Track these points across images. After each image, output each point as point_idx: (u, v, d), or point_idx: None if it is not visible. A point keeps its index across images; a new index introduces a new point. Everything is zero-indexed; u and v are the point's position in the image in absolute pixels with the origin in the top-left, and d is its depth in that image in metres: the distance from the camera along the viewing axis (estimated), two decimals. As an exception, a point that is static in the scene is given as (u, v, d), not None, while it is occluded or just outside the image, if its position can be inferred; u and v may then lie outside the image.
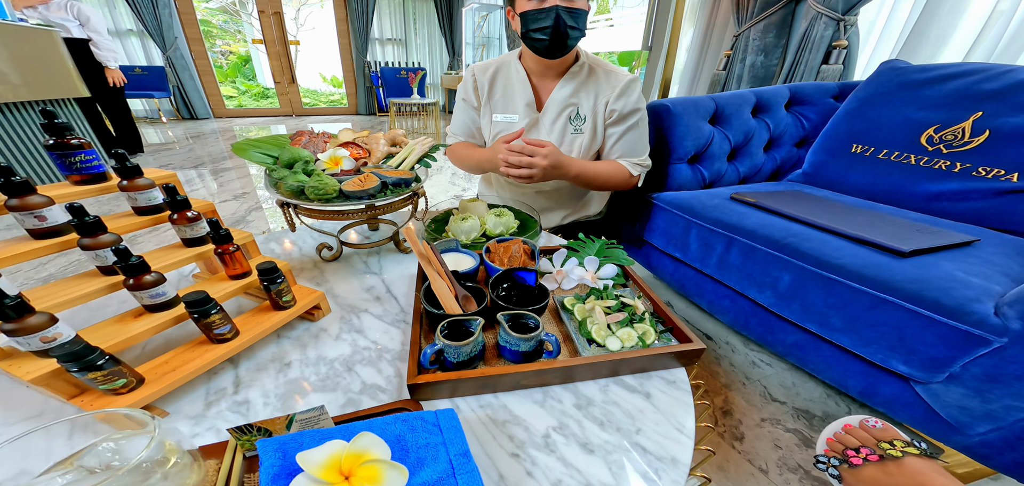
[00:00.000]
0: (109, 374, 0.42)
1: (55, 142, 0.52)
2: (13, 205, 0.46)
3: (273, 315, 0.61)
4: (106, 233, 0.51)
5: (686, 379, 0.62)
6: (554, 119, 1.07)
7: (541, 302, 0.66)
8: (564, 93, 1.05)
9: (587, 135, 1.07)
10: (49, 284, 0.49)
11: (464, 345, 0.55)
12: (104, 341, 0.46)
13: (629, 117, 1.04)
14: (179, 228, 0.59)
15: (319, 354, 0.63)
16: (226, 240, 0.58)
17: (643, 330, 0.64)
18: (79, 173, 0.54)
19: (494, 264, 0.75)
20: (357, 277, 0.84)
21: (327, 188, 0.70)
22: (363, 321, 0.71)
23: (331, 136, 0.91)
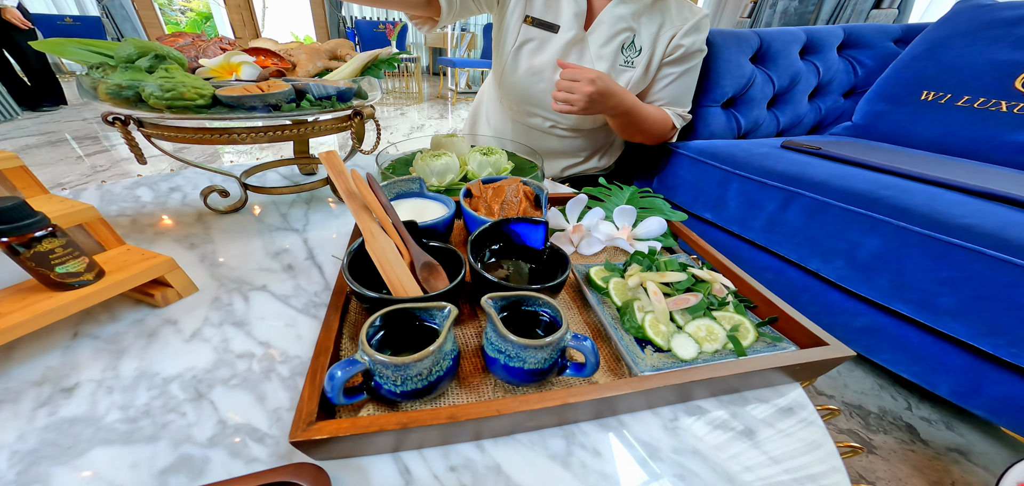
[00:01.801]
0: None
1: None
2: None
3: (41, 299, 0.31)
4: None
5: (808, 402, 0.35)
6: (604, 42, 0.79)
7: (556, 276, 0.38)
8: (622, 12, 0.77)
9: (639, 70, 0.80)
10: None
11: (414, 363, 0.27)
12: None
13: (692, 57, 0.81)
14: None
15: (144, 369, 0.33)
16: None
17: (735, 324, 0.37)
18: None
19: (478, 214, 0.46)
20: (263, 236, 0.54)
21: (184, 90, 0.38)
22: (252, 305, 0.42)
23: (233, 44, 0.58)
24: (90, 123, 2.75)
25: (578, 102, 0.67)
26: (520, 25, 0.83)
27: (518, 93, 0.88)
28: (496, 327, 0.30)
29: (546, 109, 0.88)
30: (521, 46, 0.83)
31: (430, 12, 0.77)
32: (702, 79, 0.95)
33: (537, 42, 0.83)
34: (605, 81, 0.67)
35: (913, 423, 0.86)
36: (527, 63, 0.83)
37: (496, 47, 0.89)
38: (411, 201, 0.51)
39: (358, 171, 0.41)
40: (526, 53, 0.83)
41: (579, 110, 0.68)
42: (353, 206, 0.38)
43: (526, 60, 0.84)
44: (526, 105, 0.90)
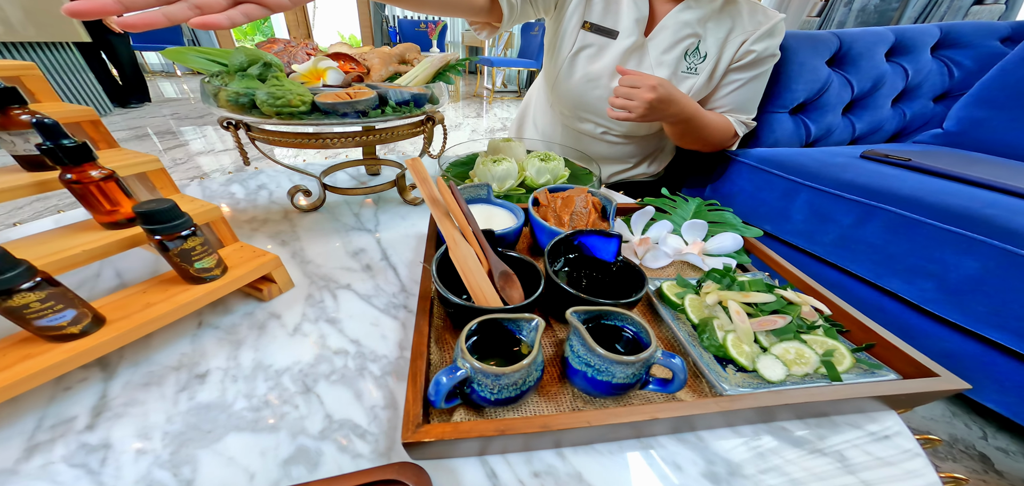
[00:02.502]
0: None
1: None
2: None
3: (181, 291, 0.35)
4: None
5: (905, 429, 0.33)
6: (666, 48, 0.76)
7: (627, 289, 0.38)
8: (687, 18, 0.74)
9: (702, 77, 0.77)
10: None
11: (512, 373, 0.28)
12: None
13: (763, 63, 0.76)
14: (3, 137, 0.32)
15: (259, 360, 0.37)
16: (81, 157, 0.30)
17: (829, 349, 0.35)
18: None
19: (548, 224, 0.46)
20: (342, 235, 0.57)
21: (290, 98, 0.41)
22: (341, 303, 0.45)
23: (318, 49, 0.62)
24: (168, 120, 3.04)
25: (637, 109, 0.65)
26: (578, 31, 0.82)
27: (572, 98, 0.87)
28: (586, 341, 0.30)
29: (600, 115, 0.87)
30: (578, 52, 0.82)
31: (491, 18, 0.77)
32: (770, 84, 0.90)
33: (595, 48, 0.81)
34: (667, 88, 0.65)
35: (988, 453, 0.78)
36: (583, 69, 0.82)
37: (550, 52, 0.89)
38: (479, 207, 0.53)
39: (424, 168, 0.43)
40: (583, 59, 0.82)
41: (637, 117, 0.66)
42: (437, 213, 0.40)
43: (582, 66, 0.83)
44: (579, 110, 0.89)
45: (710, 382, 0.34)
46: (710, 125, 0.78)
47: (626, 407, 0.31)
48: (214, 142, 2.61)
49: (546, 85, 0.99)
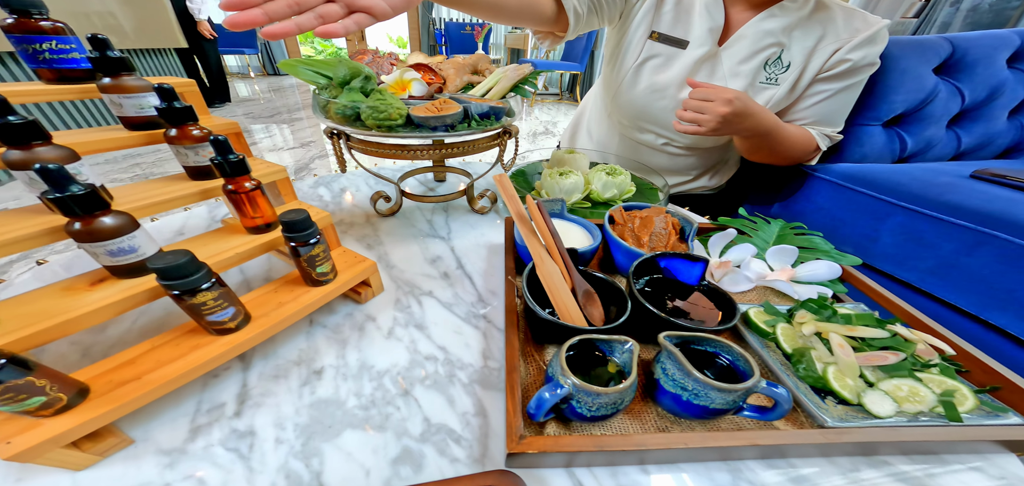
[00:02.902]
0: (8, 393, 0.22)
1: (16, 23, 0.31)
2: None
3: (304, 293, 0.39)
4: (47, 146, 0.30)
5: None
6: (743, 58, 0.73)
7: (725, 319, 0.37)
8: (771, 27, 0.70)
9: (784, 88, 0.72)
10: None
11: (613, 394, 0.29)
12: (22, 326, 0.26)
13: (858, 73, 0.70)
14: (178, 150, 0.37)
15: (363, 360, 0.40)
16: (238, 171, 0.35)
17: (949, 389, 0.32)
18: (49, 67, 0.34)
19: (625, 243, 0.46)
20: (419, 241, 0.61)
21: (391, 112, 0.45)
22: (426, 309, 0.48)
23: (399, 59, 0.66)
24: (243, 119, 3.36)
25: (708, 123, 0.63)
26: (644, 41, 0.80)
27: (634, 109, 0.85)
28: (684, 367, 0.30)
29: (663, 126, 0.85)
30: (643, 62, 0.81)
31: (556, 27, 0.78)
32: (862, 94, 0.83)
33: (662, 59, 0.79)
34: (744, 102, 0.62)
35: None
36: (649, 79, 0.81)
37: (611, 61, 0.88)
38: (555, 222, 0.54)
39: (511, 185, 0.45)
40: (649, 69, 0.81)
41: (708, 131, 0.64)
42: (524, 230, 0.41)
43: (648, 76, 0.81)
44: (640, 121, 0.87)
45: (809, 412, 0.34)
46: (789, 139, 0.73)
47: (722, 432, 0.32)
48: (279, 141, 2.85)
49: (605, 95, 0.97)
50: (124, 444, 0.29)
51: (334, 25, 0.31)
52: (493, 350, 0.44)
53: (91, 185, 0.26)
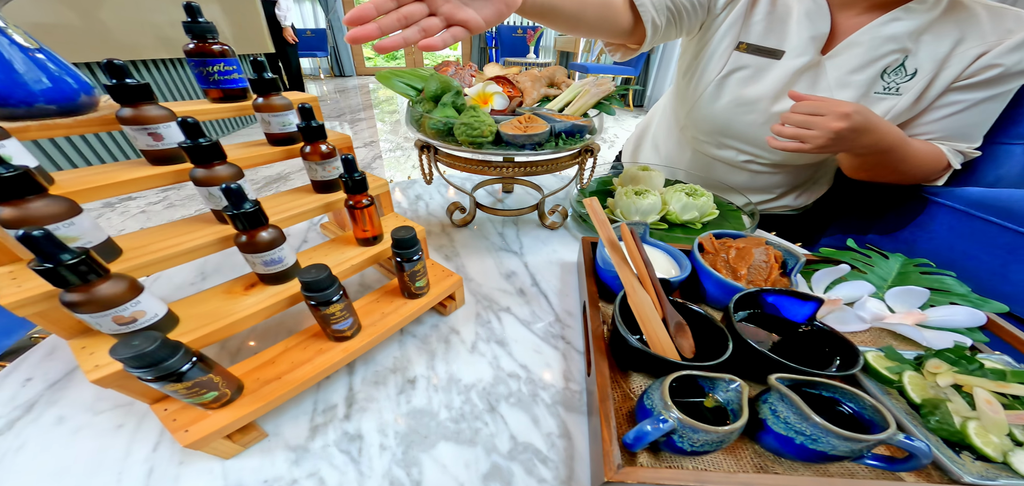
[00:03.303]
0: (195, 387, 0.26)
1: (195, 47, 0.37)
2: (126, 117, 0.33)
3: (403, 304, 0.42)
4: (223, 163, 0.35)
5: None
6: (856, 67, 0.66)
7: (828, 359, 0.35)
8: (894, 31, 0.62)
9: (907, 98, 0.64)
10: (149, 230, 0.35)
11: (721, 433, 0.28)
12: (201, 324, 0.31)
13: (1008, 81, 0.60)
14: (310, 165, 0.41)
15: (451, 373, 0.42)
16: (360, 188, 0.39)
17: None
18: (217, 87, 0.40)
19: (720, 275, 0.44)
20: (493, 256, 0.62)
21: (483, 128, 0.46)
22: (505, 326, 0.48)
23: (477, 70, 0.68)
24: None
25: (816, 140, 0.57)
26: (730, 53, 0.75)
27: (715, 124, 0.80)
28: (801, 411, 0.29)
29: (749, 142, 0.79)
30: (728, 74, 0.76)
31: (630, 40, 0.76)
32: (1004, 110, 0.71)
33: (751, 70, 0.74)
34: (864, 116, 0.56)
35: None
36: (735, 93, 0.76)
37: (688, 74, 0.83)
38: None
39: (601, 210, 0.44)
40: (735, 82, 0.75)
41: (814, 148, 0.58)
42: (615, 257, 0.40)
43: (734, 89, 0.76)
44: (721, 136, 0.82)
45: (942, 466, 0.31)
46: (915, 156, 0.64)
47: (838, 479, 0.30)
48: (345, 141, 3.06)
49: (679, 108, 0.93)
50: (261, 437, 0.33)
51: (434, 38, 0.34)
52: (573, 372, 0.43)
53: (256, 202, 0.30)
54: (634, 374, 0.39)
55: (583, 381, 0.43)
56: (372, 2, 0.32)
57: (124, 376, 0.27)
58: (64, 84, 0.31)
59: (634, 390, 0.38)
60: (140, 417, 0.35)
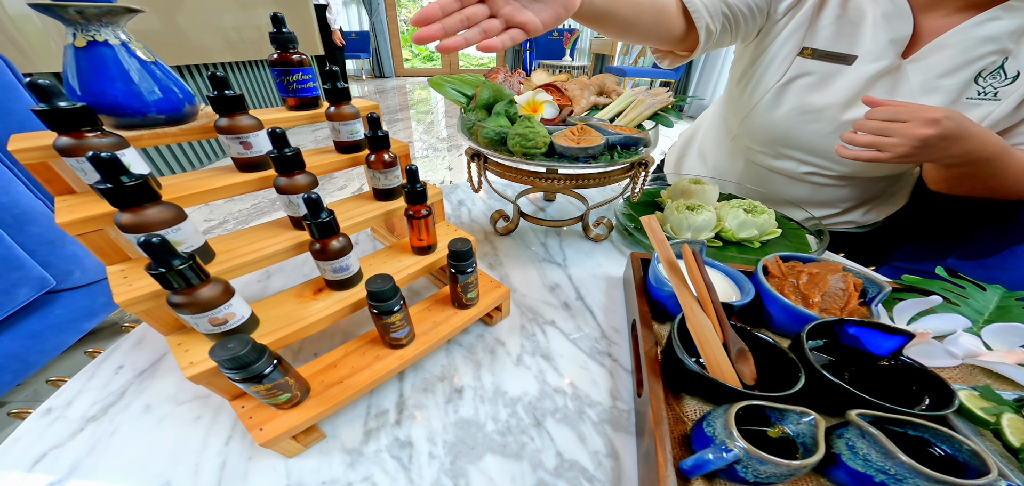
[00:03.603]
0: (273, 388, 0.28)
1: (279, 57, 0.40)
2: (223, 126, 0.35)
3: (453, 314, 0.43)
4: (303, 173, 0.37)
5: None
6: (945, 72, 0.60)
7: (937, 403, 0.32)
8: (988, 32, 0.57)
9: (1007, 104, 0.58)
10: (234, 234, 0.38)
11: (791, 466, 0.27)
12: (279, 327, 0.33)
13: None
14: (373, 173, 0.43)
15: (497, 384, 0.42)
16: (420, 198, 0.40)
17: None
18: (295, 95, 0.42)
19: (788, 301, 0.41)
20: (536, 266, 0.62)
21: (537, 140, 0.46)
22: (550, 340, 0.48)
23: (525, 78, 0.68)
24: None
25: (898, 148, 0.51)
26: (792, 58, 0.70)
27: (773, 134, 0.76)
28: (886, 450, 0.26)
29: (812, 152, 0.73)
30: (790, 81, 0.71)
31: (680, 47, 0.73)
32: None
33: (817, 77, 0.69)
34: (957, 121, 0.50)
35: None
36: (797, 101, 0.71)
37: (742, 81, 0.79)
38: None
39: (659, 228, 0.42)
40: (797, 89, 0.71)
41: (894, 158, 0.52)
42: (674, 280, 0.39)
43: (796, 97, 0.71)
44: (780, 146, 0.77)
45: None
46: (1018, 169, 0.57)
47: None
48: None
49: (731, 117, 0.88)
50: (320, 438, 0.35)
51: (494, 40, 0.35)
52: (621, 391, 0.42)
53: (331, 212, 0.32)
54: (687, 398, 0.38)
55: (631, 401, 0.41)
56: (438, 3, 0.34)
57: (214, 374, 0.29)
58: (172, 94, 0.34)
59: (687, 414, 0.36)
60: (215, 410, 0.37)
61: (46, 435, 0.35)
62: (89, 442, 0.35)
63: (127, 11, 0.30)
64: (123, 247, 0.30)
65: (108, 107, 0.31)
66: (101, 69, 0.30)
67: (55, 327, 0.84)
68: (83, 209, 0.28)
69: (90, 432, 0.36)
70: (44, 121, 0.25)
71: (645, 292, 0.48)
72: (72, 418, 0.37)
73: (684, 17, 0.66)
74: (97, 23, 0.29)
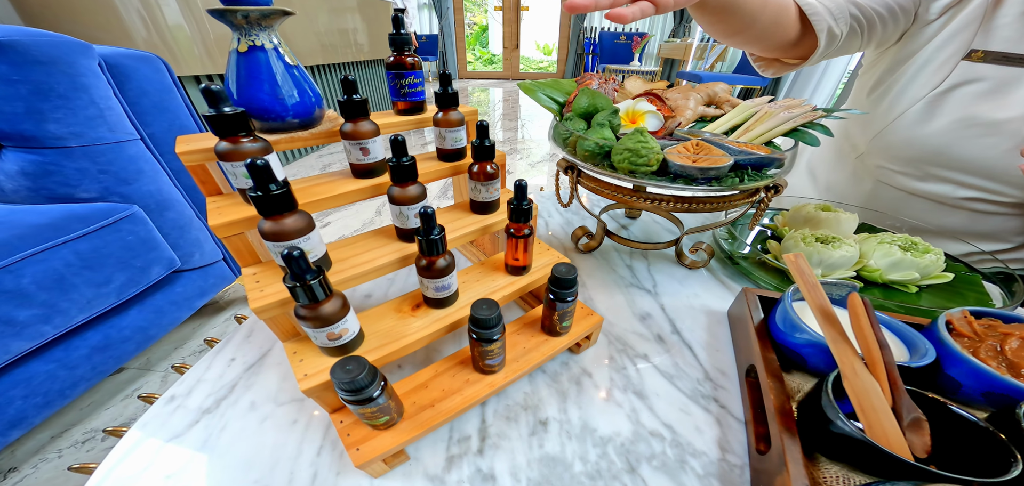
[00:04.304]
0: (377, 411, 0.28)
1: (395, 59, 0.40)
2: (347, 131, 0.36)
3: (544, 341, 0.40)
4: (415, 183, 0.36)
5: None
6: None
7: None
8: None
9: None
10: (342, 243, 0.38)
11: None
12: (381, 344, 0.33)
13: None
14: (474, 185, 0.42)
15: (585, 420, 0.39)
16: (525, 217, 0.38)
17: None
18: (405, 99, 0.42)
19: (989, 368, 0.32)
20: (623, 291, 0.57)
21: (650, 157, 0.42)
22: (644, 376, 0.43)
23: (620, 85, 0.64)
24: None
25: None
26: (955, 63, 0.58)
27: (923, 150, 0.63)
28: None
29: (980, 174, 0.60)
30: (950, 90, 0.59)
31: (790, 53, 0.63)
32: None
33: (989, 84, 0.56)
34: None
35: None
36: (960, 112, 0.58)
37: (875, 91, 0.68)
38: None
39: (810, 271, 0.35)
40: (960, 99, 0.58)
41: None
42: (830, 333, 0.32)
43: (959, 108, 0.58)
44: (931, 166, 0.64)
45: None
46: None
47: None
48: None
49: (858, 131, 0.76)
50: (405, 460, 0.34)
51: (624, 9, 0.33)
52: (731, 443, 0.37)
53: (442, 228, 0.31)
54: (826, 463, 0.31)
55: (746, 456, 0.36)
56: None
57: (325, 388, 0.29)
58: (306, 97, 0.35)
59: (826, 481, 0.30)
60: (309, 416, 0.38)
61: (168, 424, 0.38)
62: (203, 435, 0.37)
63: (283, 14, 0.32)
64: (257, 250, 0.32)
65: (257, 111, 0.32)
66: (255, 73, 0.31)
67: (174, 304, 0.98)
68: (232, 213, 0.30)
69: (204, 425, 0.38)
70: (210, 126, 0.26)
71: (767, 335, 0.41)
72: (190, 408, 0.40)
73: (801, 20, 0.58)
74: (257, 27, 0.30)
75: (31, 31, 0.69)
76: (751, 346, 0.41)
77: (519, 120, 3.81)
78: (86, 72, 0.75)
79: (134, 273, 0.85)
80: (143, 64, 0.88)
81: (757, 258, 0.58)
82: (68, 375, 0.77)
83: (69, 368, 0.77)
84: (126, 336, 0.86)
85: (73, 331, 0.77)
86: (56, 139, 0.74)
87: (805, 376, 0.39)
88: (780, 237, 0.60)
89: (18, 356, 0.68)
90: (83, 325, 0.79)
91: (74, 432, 0.89)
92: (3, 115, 0.68)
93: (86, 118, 0.76)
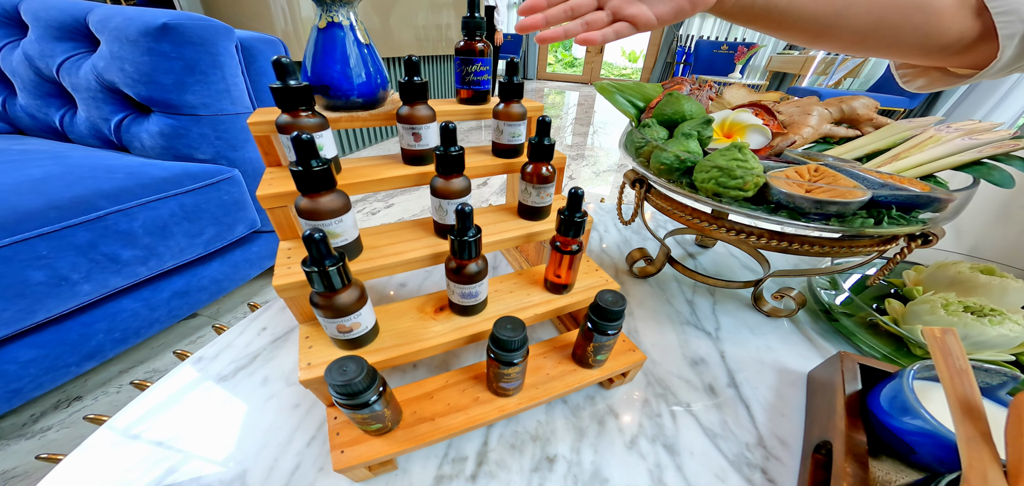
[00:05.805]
0: (370, 418, 0.28)
1: (465, 44, 0.40)
2: (404, 115, 0.36)
3: (571, 371, 0.38)
4: (461, 177, 0.35)
5: None
6: None
7: None
8: None
9: None
10: (375, 229, 0.40)
11: None
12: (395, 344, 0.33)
13: None
14: (526, 186, 0.40)
15: (597, 466, 0.35)
16: (576, 230, 0.35)
17: None
18: (470, 87, 0.42)
19: None
20: (676, 328, 0.52)
21: (747, 179, 0.36)
22: (680, 428, 0.39)
23: (718, 93, 0.58)
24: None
25: None
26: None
27: None
28: None
29: None
30: None
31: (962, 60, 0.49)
32: None
33: None
34: None
35: None
36: None
37: None
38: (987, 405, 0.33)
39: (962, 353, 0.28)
40: None
41: None
42: (968, 430, 0.26)
43: None
44: None
45: None
46: None
47: None
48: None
49: None
50: (392, 470, 0.34)
51: (593, 33, 0.32)
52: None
53: (479, 229, 0.31)
54: None
55: None
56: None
57: (321, 383, 0.30)
58: (373, 78, 0.36)
59: None
60: (312, 402, 0.40)
61: (185, 387, 0.41)
62: (210, 404, 0.39)
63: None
64: (297, 226, 0.35)
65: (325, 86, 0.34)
66: (330, 50, 0.33)
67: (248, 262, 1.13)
68: (278, 185, 0.32)
69: (217, 395, 0.40)
70: (274, 97, 0.29)
71: (860, 412, 0.34)
72: (210, 373, 0.43)
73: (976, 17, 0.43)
74: (338, 4, 0.32)
75: (191, 15, 0.84)
76: (833, 419, 0.34)
77: (591, 126, 3.71)
78: (224, 52, 0.90)
79: (222, 229, 0.99)
80: (267, 46, 1.04)
81: (867, 318, 0.48)
82: (149, 315, 0.90)
83: (151, 308, 0.90)
84: (203, 285, 1.01)
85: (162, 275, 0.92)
86: (191, 107, 0.90)
87: (902, 468, 0.32)
88: (907, 298, 0.50)
89: (112, 291, 0.81)
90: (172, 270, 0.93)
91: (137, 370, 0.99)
92: (159, 85, 0.85)
93: (216, 92, 0.91)
